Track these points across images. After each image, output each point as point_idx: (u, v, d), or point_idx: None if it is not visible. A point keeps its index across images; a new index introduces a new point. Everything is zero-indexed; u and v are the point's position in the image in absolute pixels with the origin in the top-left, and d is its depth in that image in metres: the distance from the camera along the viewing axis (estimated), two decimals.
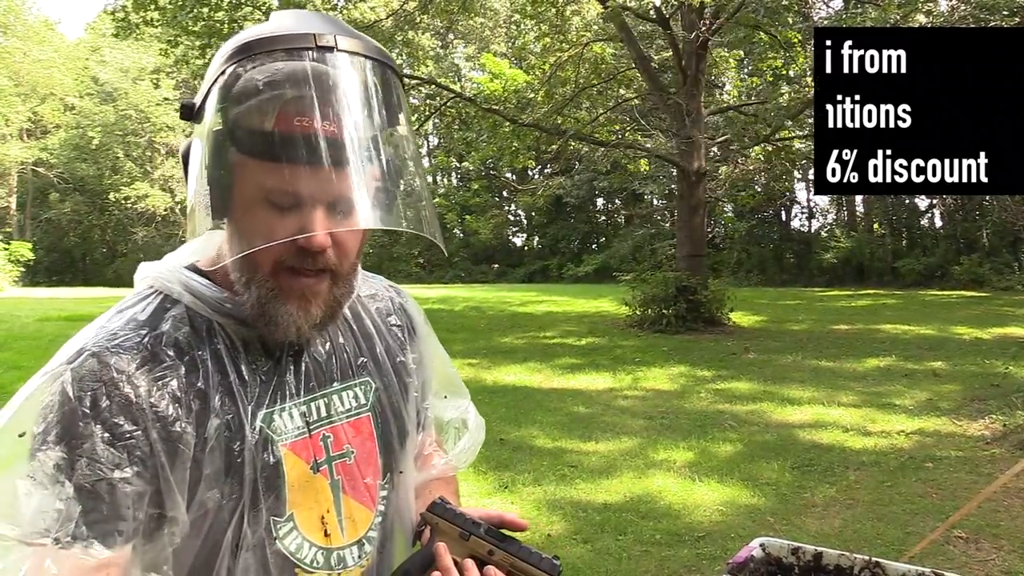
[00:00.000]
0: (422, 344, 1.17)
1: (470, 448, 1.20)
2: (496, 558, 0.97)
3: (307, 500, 0.95)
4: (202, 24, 13.06)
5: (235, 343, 0.93)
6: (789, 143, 15.89)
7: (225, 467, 0.89)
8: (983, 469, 5.27)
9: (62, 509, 0.80)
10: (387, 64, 0.90)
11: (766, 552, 1.37)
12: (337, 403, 1.00)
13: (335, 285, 0.93)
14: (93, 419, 0.82)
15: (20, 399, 0.84)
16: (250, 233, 0.86)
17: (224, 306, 0.92)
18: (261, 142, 0.82)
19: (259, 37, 0.84)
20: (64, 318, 14.61)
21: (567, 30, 15.81)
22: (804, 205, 31.59)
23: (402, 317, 1.15)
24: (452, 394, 1.22)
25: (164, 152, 36.98)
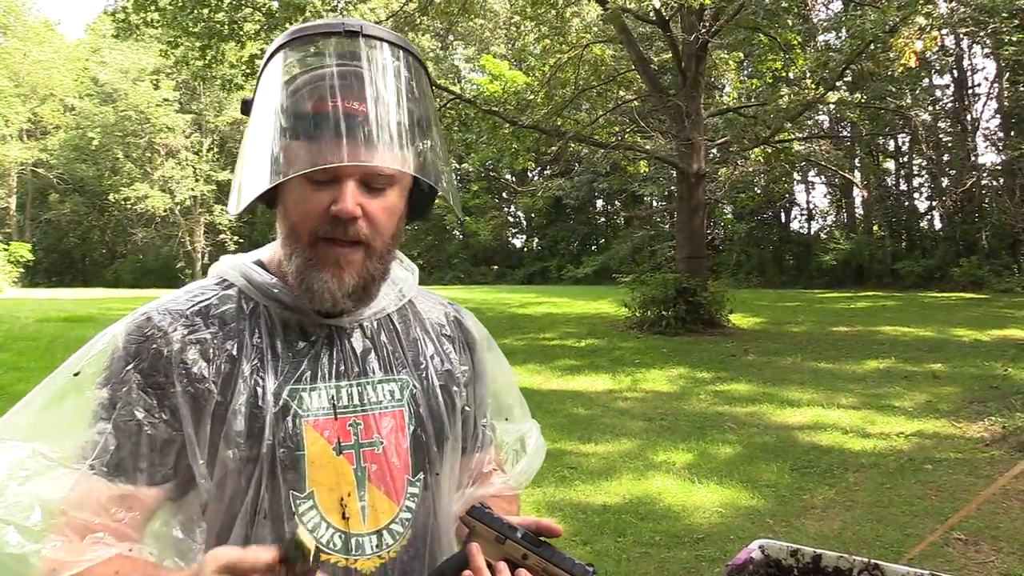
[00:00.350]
0: (481, 362, 1.21)
1: (527, 471, 1.22)
2: (530, 562, 0.98)
3: (328, 480, 0.98)
4: (202, 25, 13.05)
5: (276, 323, 1.01)
6: (788, 145, 15.90)
7: (247, 431, 0.95)
8: (982, 471, 5.27)
9: (99, 442, 0.91)
10: (408, 49, 0.99)
11: (765, 554, 1.37)
12: (371, 393, 1.04)
13: (368, 259, 0.99)
14: (134, 368, 0.94)
15: (86, 347, 0.98)
16: (292, 209, 0.97)
17: (271, 290, 1.02)
18: (294, 123, 0.93)
19: (293, 29, 0.98)
20: (64, 319, 14.60)
21: (567, 32, 15.83)
22: (803, 207, 31.65)
23: (455, 330, 1.19)
24: (514, 417, 1.25)
25: (164, 153, 36.95)
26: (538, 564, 0.98)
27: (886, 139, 26.30)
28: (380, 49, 0.96)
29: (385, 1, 21.55)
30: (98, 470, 0.91)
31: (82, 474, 0.90)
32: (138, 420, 0.92)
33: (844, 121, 23.25)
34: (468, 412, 1.16)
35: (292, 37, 0.97)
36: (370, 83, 0.93)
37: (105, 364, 0.96)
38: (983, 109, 25.18)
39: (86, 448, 0.91)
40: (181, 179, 36.85)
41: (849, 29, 12.53)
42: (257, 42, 14.15)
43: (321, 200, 0.94)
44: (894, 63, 11.61)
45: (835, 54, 13.10)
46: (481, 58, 23.66)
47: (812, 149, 19.11)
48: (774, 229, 30.40)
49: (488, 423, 1.22)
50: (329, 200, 0.94)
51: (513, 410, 1.25)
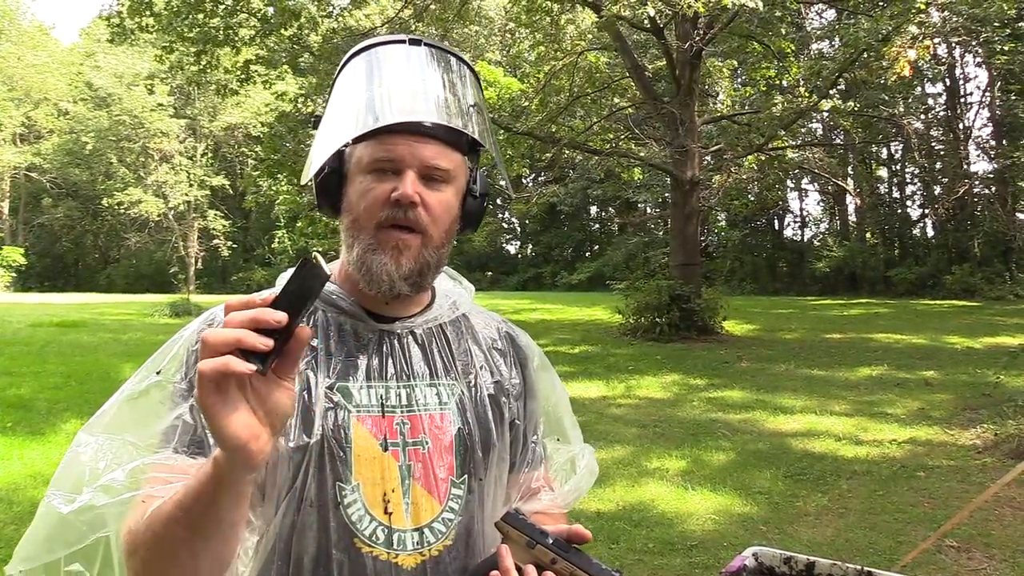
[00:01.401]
0: (533, 379, 1.24)
1: (575, 490, 1.24)
2: (558, 567, 1.00)
3: (373, 474, 1.02)
4: (197, 31, 13.05)
5: (332, 325, 1.08)
6: (782, 152, 15.96)
7: (299, 421, 1.00)
8: (974, 478, 5.28)
9: (178, 425, 0.98)
10: (460, 58, 1.10)
11: (759, 561, 1.37)
12: (419, 395, 1.08)
13: (425, 247, 1.05)
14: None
15: (164, 347, 1.05)
16: (357, 201, 1.05)
17: (331, 296, 1.09)
18: (361, 123, 1.01)
19: (359, 44, 1.09)
20: (56, 324, 14.55)
21: (562, 39, 15.85)
22: (797, 214, 31.79)
23: (507, 345, 1.23)
24: (566, 439, 1.28)
25: (158, 158, 36.89)
26: (566, 569, 1.00)
27: (879, 147, 26.45)
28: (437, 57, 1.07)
29: (380, 8, 21.59)
30: (180, 450, 0.97)
31: (165, 455, 0.97)
32: None
33: (837, 129, 23.34)
34: (518, 426, 1.19)
35: (361, 48, 1.08)
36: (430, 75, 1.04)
37: (183, 358, 1.03)
38: (975, 118, 25.37)
39: (168, 434, 0.98)
40: (175, 184, 36.80)
41: (842, 37, 12.57)
42: (252, 47, 14.16)
43: (383, 190, 1.02)
44: (887, 71, 11.67)
45: (828, 62, 13.14)
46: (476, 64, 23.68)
47: (805, 157, 19.19)
48: (768, 236, 30.51)
49: (540, 441, 1.24)
50: (391, 189, 1.01)
51: (566, 431, 1.28)
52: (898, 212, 27.66)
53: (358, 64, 1.06)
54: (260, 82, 14.73)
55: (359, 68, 1.06)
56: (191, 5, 12.68)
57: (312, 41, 14.28)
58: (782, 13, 13.56)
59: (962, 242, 23.81)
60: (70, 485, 0.96)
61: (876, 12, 12.02)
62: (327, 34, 14.34)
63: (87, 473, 0.96)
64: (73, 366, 9.73)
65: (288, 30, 13.16)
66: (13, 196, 39.91)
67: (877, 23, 11.19)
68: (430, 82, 1.04)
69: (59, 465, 0.99)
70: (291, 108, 15.23)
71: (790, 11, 14.28)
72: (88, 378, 8.93)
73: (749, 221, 28.68)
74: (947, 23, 12.30)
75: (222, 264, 39.55)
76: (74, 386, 8.52)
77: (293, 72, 16.97)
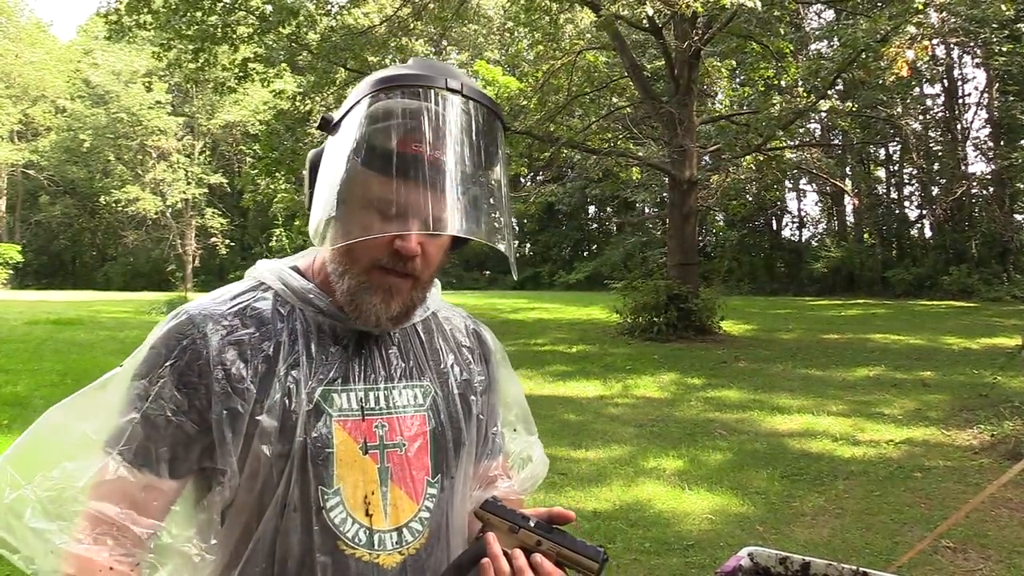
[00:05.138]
0: (496, 373, 1.27)
1: (531, 479, 1.27)
2: (543, 548, 1.04)
3: (354, 478, 1.04)
4: (195, 28, 13.03)
5: (310, 326, 1.07)
6: (780, 153, 15.97)
7: (280, 427, 1.00)
8: (971, 479, 5.28)
9: (127, 430, 0.98)
10: (495, 112, 1.04)
11: (754, 561, 1.37)
12: (396, 398, 1.10)
13: (415, 288, 1.06)
14: (170, 366, 1.00)
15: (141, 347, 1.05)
16: (357, 232, 1.00)
17: (307, 295, 1.08)
18: (379, 158, 0.97)
19: (402, 73, 1.01)
20: (53, 321, 14.53)
21: (560, 38, 15.86)
22: (795, 214, 31.79)
23: (474, 342, 1.26)
24: (522, 430, 1.31)
25: (155, 156, 36.85)
26: (551, 549, 1.04)
27: (877, 148, 26.48)
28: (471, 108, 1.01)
29: (379, 6, 21.58)
30: (125, 457, 0.97)
31: (111, 459, 0.97)
32: (166, 416, 0.98)
33: (835, 129, 23.37)
34: (482, 420, 1.22)
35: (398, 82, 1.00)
36: (454, 136, 0.98)
37: (144, 358, 1.02)
38: (973, 118, 25.40)
39: (116, 434, 0.98)
40: (173, 182, 36.77)
41: (841, 38, 12.58)
42: (250, 45, 14.14)
43: (385, 232, 0.99)
44: (885, 72, 11.68)
45: (827, 63, 13.15)
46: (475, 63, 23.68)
47: (803, 157, 19.20)
48: (765, 236, 30.54)
49: (498, 431, 1.28)
50: (394, 236, 1.00)
51: (520, 423, 1.31)
52: (896, 213, 27.69)
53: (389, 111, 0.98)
54: (258, 80, 14.71)
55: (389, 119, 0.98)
56: (189, 3, 12.66)
57: (310, 39, 14.26)
58: (780, 13, 13.57)
59: (960, 243, 23.84)
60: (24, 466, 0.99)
61: (875, 13, 12.02)
62: (325, 32, 14.33)
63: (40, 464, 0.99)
64: (70, 364, 9.72)
65: (286, 28, 13.15)
66: (10, 194, 39.85)
67: (875, 23, 11.20)
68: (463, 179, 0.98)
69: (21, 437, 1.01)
70: (289, 106, 15.20)
71: (788, 11, 14.29)
72: (84, 376, 8.86)
73: (747, 221, 28.69)
74: (945, 24, 12.32)
75: (220, 262, 39.49)
76: (70, 384, 8.50)
77: (291, 70, 16.93)
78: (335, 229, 1.01)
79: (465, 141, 0.99)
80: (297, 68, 16.45)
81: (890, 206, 28.02)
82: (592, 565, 1.03)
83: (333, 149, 1.03)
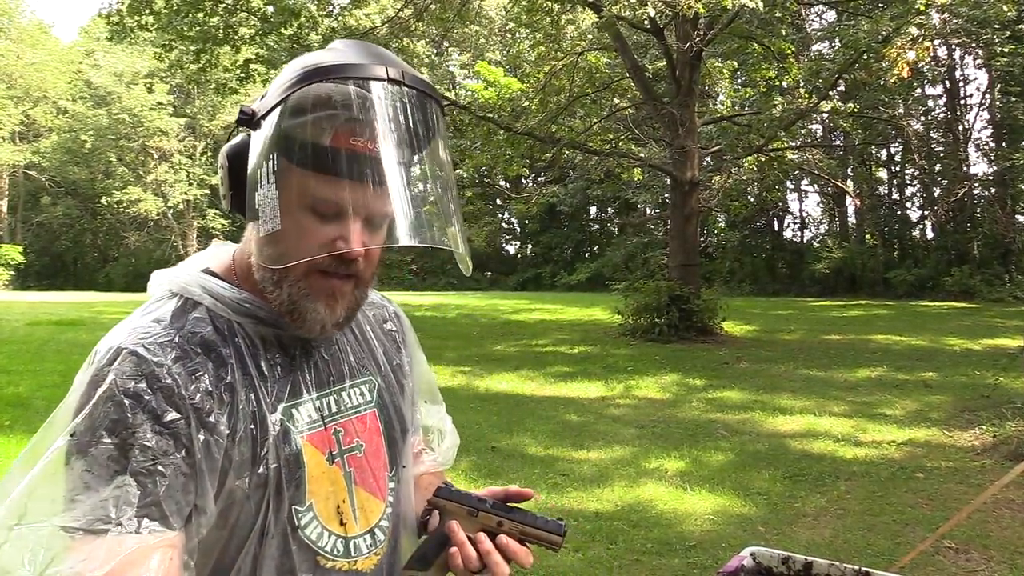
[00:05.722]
0: (411, 350, 1.25)
1: (451, 449, 1.29)
2: (505, 528, 1.05)
3: (324, 490, 1.00)
4: (197, 29, 13.05)
5: (254, 341, 0.99)
6: (782, 154, 15.96)
7: (251, 457, 0.93)
8: (973, 480, 5.28)
9: (120, 496, 0.83)
10: (434, 98, 0.97)
11: (756, 561, 1.37)
12: (346, 399, 1.06)
13: (357, 288, 1.00)
14: (141, 410, 0.86)
15: (67, 404, 0.90)
16: (292, 236, 0.92)
17: (244, 306, 0.98)
18: (315, 155, 0.89)
19: (331, 64, 0.91)
20: (54, 322, 14.54)
21: (562, 39, 15.86)
22: (796, 215, 31.79)
23: (396, 324, 1.24)
24: (431, 401, 1.29)
25: (157, 157, 36.87)
26: (514, 528, 1.05)
27: (879, 148, 26.47)
28: (408, 97, 0.93)
29: (381, 7, 21.59)
30: (126, 527, 0.82)
31: (112, 537, 0.81)
32: (160, 463, 0.86)
33: (837, 130, 23.36)
34: (411, 399, 1.22)
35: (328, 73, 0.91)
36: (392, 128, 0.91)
37: (101, 415, 0.86)
38: (975, 119, 25.37)
39: (108, 505, 0.82)
40: (174, 183, 36.79)
41: (842, 39, 12.59)
42: (252, 46, 14.15)
43: (326, 234, 0.92)
44: (887, 73, 11.68)
45: (828, 63, 13.15)
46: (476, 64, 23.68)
47: (805, 158, 19.19)
48: (767, 237, 30.51)
49: (418, 407, 1.27)
50: (334, 235, 0.92)
51: (431, 394, 1.30)
52: (897, 214, 27.67)
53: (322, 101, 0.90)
54: (260, 81, 14.72)
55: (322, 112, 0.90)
56: (191, 4, 12.68)
57: (312, 40, 14.26)
58: (782, 14, 13.57)
59: (961, 244, 23.81)
60: None
61: (876, 13, 12.02)
62: (327, 33, 14.34)
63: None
64: (71, 365, 9.70)
65: (288, 29, 13.16)
66: (12, 194, 39.88)
67: (877, 24, 11.20)
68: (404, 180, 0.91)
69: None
70: None
71: (790, 12, 14.29)
72: None
73: (748, 222, 28.66)
74: (947, 25, 12.31)
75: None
76: (72, 385, 8.51)
77: None
78: (275, 246, 0.93)
79: (407, 134, 0.92)
80: None
81: (892, 207, 27.99)
82: (555, 539, 1.05)
83: (260, 145, 0.93)
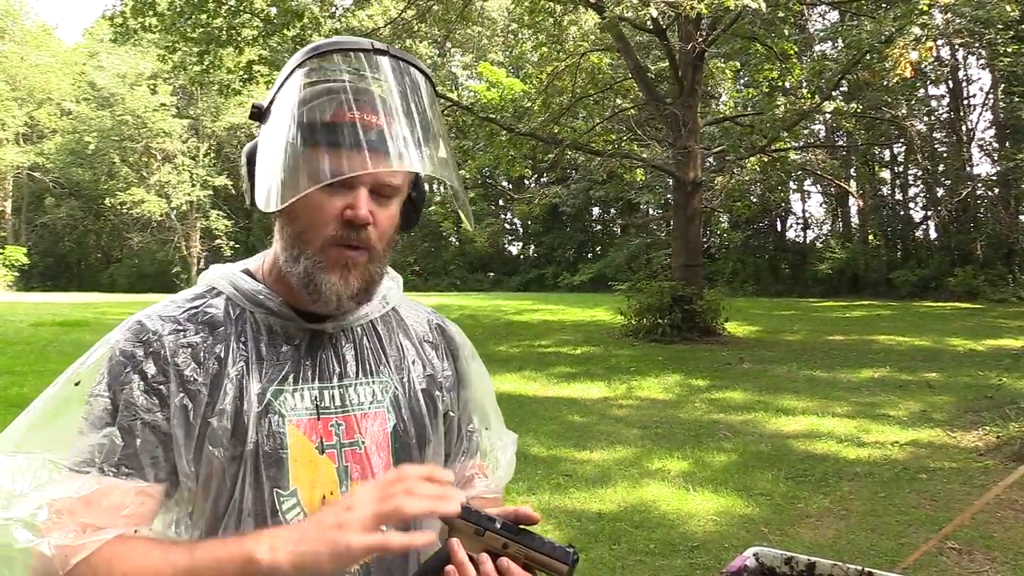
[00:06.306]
0: (466, 369, 1.25)
1: (505, 477, 1.27)
2: (510, 551, 0.99)
3: (310, 478, 1.02)
4: (200, 31, 13.07)
5: (261, 328, 1.06)
6: (784, 154, 15.95)
7: (232, 429, 0.99)
8: (976, 480, 5.27)
9: (105, 444, 0.95)
10: (420, 68, 1.04)
11: (759, 562, 1.37)
12: (352, 395, 1.08)
13: (371, 262, 1.04)
14: (132, 370, 0.99)
15: (83, 357, 1.03)
16: (302, 214, 1.01)
17: (257, 296, 1.06)
18: (313, 130, 0.97)
19: (319, 43, 1.02)
20: (58, 323, 14.56)
21: (564, 40, 15.86)
22: (799, 216, 31.72)
23: (438, 337, 1.24)
24: (494, 428, 1.29)
25: (160, 158, 36.92)
26: (519, 552, 0.99)
27: (882, 149, 26.40)
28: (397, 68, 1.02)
29: (383, 8, 21.59)
30: (108, 471, 0.94)
31: (92, 476, 0.93)
32: (142, 419, 0.97)
33: (840, 131, 23.33)
34: (452, 417, 1.21)
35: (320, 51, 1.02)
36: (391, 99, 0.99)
37: (104, 370, 1.00)
38: (978, 120, 25.31)
39: (94, 451, 0.94)
40: (178, 184, 36.83)
41: (845, 39, 12.58)
42: (255, 48, 14.17)
43: (335, 205, 0.99)
44: (890, 73, 11.66)
45: (831, 64, 13.14)
46: (479, 65, 23.71)
47: (808, 158, 19.18)
48: (770, 238, 30.46)
49: (475, 429, 1.26)
50: (342, 206, 0.99)
51: (492, 420, 1.29)
52: (900, 214, 27.62)
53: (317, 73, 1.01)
54: (263, 82, 14.75)
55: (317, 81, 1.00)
56: (194, 5, 12.70)
57: (315, 41, 14.29)
58: (785, 14, 13.56)
59: (965, 244, 23.76)
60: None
61: (879, 14, 12.01)
62: (330, 34, 14.34)
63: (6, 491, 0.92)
64: None
65: (291, 30, 13.18)
66: (16, 196, 39.93)
67: (880, 24, 11.19)
68: (397, 116, 0.98)
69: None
70: None
71: (793, 12, 14.28)
72: None
73: (751, 222, 28.61)
74: (950, 25, 12.28)
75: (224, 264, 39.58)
76: (75, 385, 8.52)
77: None
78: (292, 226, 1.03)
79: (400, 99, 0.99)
80: None
81: (895, 207, 27.94)
82: (561, 567, 0.98)
83: (268, 135, 1.02)
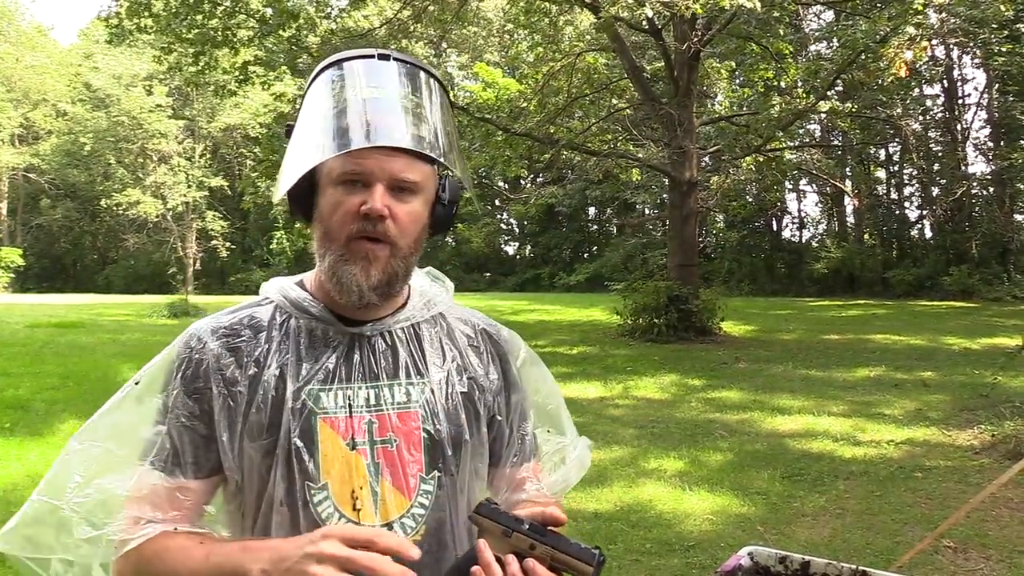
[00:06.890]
0: (521, 373, 1.27)
1: (561, 481, 1.24)
2: (537, 552, 1.01)
3: (341, 473, 1.07)
4: (196, 32, 13.05)
5: (303, 332, 1.13)
6: (780, 154, 15.97)
7: (268, 424, 1.07)
8: (972, 479, 5.29)
9: (155, 441, 1.07)
10: (430, 72, 1.13)
11: (754, 560, 1.38)
12: (387, 395, 1.12)
13: (393, 257, 1.08)
14: (179, 376, 1.09)
15: (152, 360, 1.13)
16: (327, 213, 1.08)
17: (302, 303, 1.14)
18: (333, 137, 1.04)
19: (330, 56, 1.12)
20: (54, 325, 14.53)
21: (560, 40, 15.86)
22: (795, 215, 31.77)
23: (484, 341, 1.25)
24: (555, 431, 1.29)
25: (156, 159, 36.83)
26: (545, 553, 1.01)
27: (877, 148, 26.47)
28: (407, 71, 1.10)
29: (379, 9, 21.59)
30: (156, 465, 1.06)
31: (144, 470, 1.06)
32: (182, 423, 1.07)
33: (835, 130, 23.36)
34: (499, 421, 1.22)
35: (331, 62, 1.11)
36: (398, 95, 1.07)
37: (162, 375, 1.11)
38: (973, 119, 25.38)
39: (147, 447, 1.07)
40: (173, 185, 36.74)
41: (840, 39, 12.60)
42: (250, 48, 14.15)
43: (353, 202, 1.05)
44: (885, 73, 11.69)
45: (826, 63, 13.17)
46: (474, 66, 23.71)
47: (803, 158, 19.21)
48: (766, 237, 30.51)
49: (529, 433, 1.26)
50: (360, 202, 1.04)
51: (559, 423, 1.29)
52: (896, 213, 27.68)
53: (328, 79, 1.09)
54: (259, 83, 14.73)
55: (329, 84, 1.09)
56: (190, 6, 12.68)
57: (311, 42, 14.28)
58: (780, 14, 13.58)
59: (960, 243, 23.82)
60: (56, 490, 1.05)
61: (874, 13, 12.03)
62: (325, 35, 14.34)
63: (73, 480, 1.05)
64: (71, 367, 9.72)
65: (287, 31, 13.16)
66: (11, 197, 39.86)
67: (875, 24, 11.21)
68: (398, 103, 1.06)
69: (51, 467, 1.07)
70: (289, 109, 15.22)
71: (788, 12, 14.30)
72: (86, 379, 8.92)
73: (747, 222, 28.66)
74: (945, 24, 12.32)
75: (220, 265, 39.46)
76: (72, 387, 8.52)
77: (292, 73, 16.96)
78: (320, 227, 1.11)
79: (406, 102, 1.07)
80: (297, 71, 16.47)
81: (890, 207, 28.01)
82: (587, 569, 1.00)
83: (291, 143, 1.11)
